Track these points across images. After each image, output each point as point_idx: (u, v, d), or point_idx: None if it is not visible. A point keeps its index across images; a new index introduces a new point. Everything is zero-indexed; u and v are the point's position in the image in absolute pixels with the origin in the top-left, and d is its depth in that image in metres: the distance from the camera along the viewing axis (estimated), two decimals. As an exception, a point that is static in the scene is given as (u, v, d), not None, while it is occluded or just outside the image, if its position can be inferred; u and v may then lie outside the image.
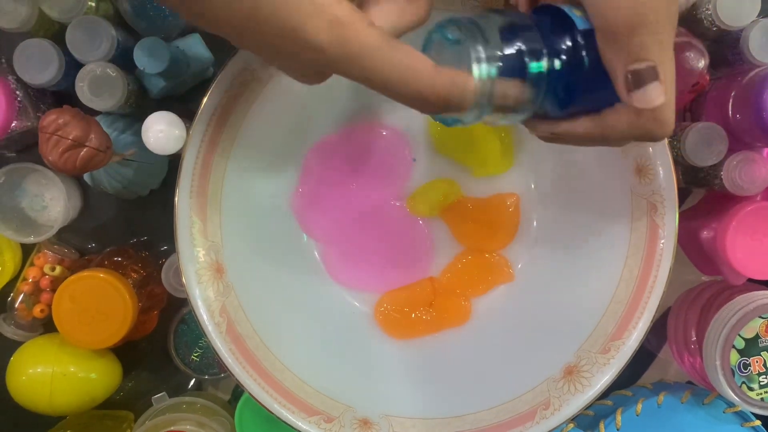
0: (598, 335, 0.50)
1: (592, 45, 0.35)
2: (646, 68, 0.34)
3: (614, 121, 0.36)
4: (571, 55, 0.35)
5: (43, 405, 0.57)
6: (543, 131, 0.38)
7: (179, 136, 0.49)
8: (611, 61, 0.34)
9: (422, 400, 0.52)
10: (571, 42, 0.35)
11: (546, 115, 0.37)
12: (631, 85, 0.34)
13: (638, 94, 0.34)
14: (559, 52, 0.35)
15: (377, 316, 0.56)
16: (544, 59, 0.34)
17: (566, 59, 0.35)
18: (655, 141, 0.37)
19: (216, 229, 0.50)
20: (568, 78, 0.35)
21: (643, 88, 0.34)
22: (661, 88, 0.34)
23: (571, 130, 0.37)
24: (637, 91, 0.34)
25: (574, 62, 0.35)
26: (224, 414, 0.59)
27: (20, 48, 0.52)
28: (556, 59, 0.34)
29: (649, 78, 0.34)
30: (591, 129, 0.37)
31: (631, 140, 0.37)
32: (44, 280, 0.60)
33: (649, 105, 0.34)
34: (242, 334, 0.50)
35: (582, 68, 0.35)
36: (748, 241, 0.53)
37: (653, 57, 0.34)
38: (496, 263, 0.56)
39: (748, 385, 0.52)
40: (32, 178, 0.58)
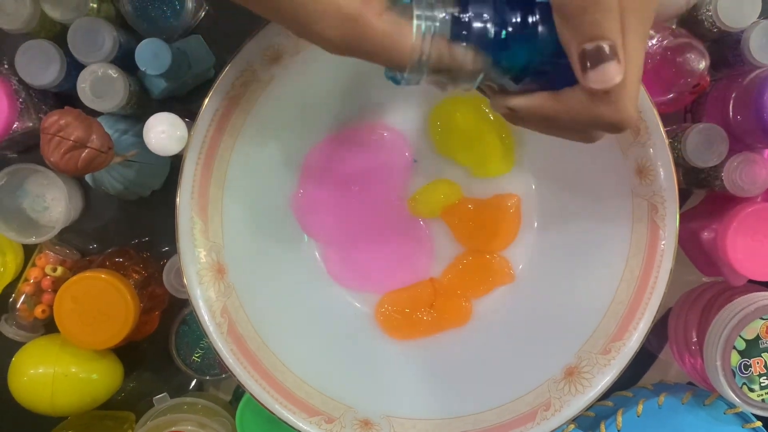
0: (599, 336, 0.50)
1: (547, 20, 0.33)
2: (600, 47, 0.32)
3: (570, 100, 0.34)
4: (520, 26, 0.33)
5: (44, 405, 0.57)
6: (498, 104, 0.37)
7: (181, 136, 0.49)
8: (566, 39, 0.33)
9: (423, 400, 0.52)
10: (524, 13, 0.33)
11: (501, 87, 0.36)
12: (583, 64, 0.32)
13: (592, 74, 0.32)
14: (508, 21, 0.33)
15: (378, 316, 0.56)
16: (488, 25, 0.33)
17: (515, 29, 0.33)
18: (614, 131, 0.35)
19: (217, 230, 0.51)
20: (518, 50, 0.34)
21: (596, 68, 0.32)
22: (617, 67, 0.32)
23: (527, 105, 0.35)
24: (591, 70, 0.32)
25: (525, 34, 0.34)
26: (225, 414, 0.59)
27: (22, 49, 0.52)
28: (504, 28, 0.33)
29: (605, 57, 0.32)
30: (547, 107, 0.35)
31: (588, 128, 0.36)
32: (46, 280, 0.60)
33: (605, 84, 0.32)
34: (243, 334, 0.50)
35: (534, 41, 0.34)
36: (748, 242, 0.53)
37: (610, 36, 0.32)
38: (496, 264, 0.56)
39: (748, 386, 0.52)
40: (34, 179, 0.58)
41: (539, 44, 0.34)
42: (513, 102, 0.36)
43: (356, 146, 0.55)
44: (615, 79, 0.32)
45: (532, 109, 0.35)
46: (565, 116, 0.35)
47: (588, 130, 0.36)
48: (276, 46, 0.48)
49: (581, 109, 0.34)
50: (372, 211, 0.56)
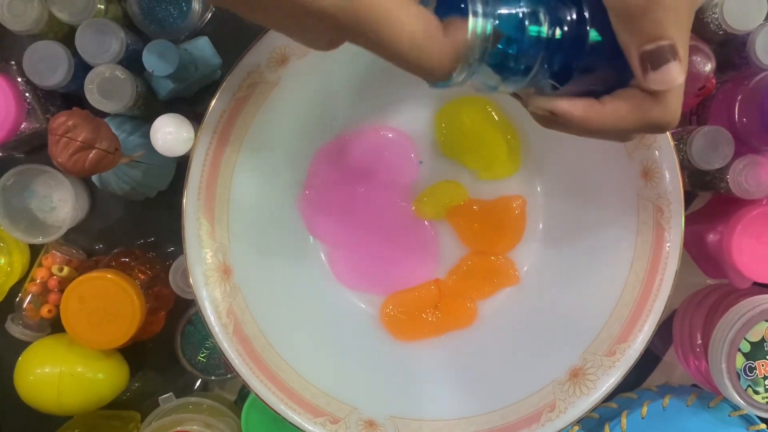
0: (604, 338, 0.50)
1: (599, 21, 0.33)
2: (664, 47, 0.31)
3: (615, 107, 0.34)
4: (574, 27, 0.33)
5: (50, 405, 0.57)
6: (539, 106, 0.35)
7: (187, 138, 0.50)
8: (625, 41, 0.32)
9: (427, 401, 0.52)
10: (577, 13, 0.33)
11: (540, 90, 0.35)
12: (647, 65, 0.32)
13: (655, 75, 0.32)
14: (563, 21, 0.32)
15: (383, 317, 0.56)
16: (544, 25, 0.32)
17: (569, 30, 0.33)
18: (659, 131, 0.35)
19: (223, 231, 0.51)
20: (569, 51, 0.33)
21: (660, 69, 0.32)
22: (680, 67, 0.32)
23: (569, 111, 0.34)
24: (653, 71, 0.32)
25: (577, 35, 0.33)
26: (231, 414, 0.59)
27: (30, 50, 0.52)
28: (558, 28, 0.32)
29: (668, 57, 0.31)
30: (589, 114, 0.34)
31: (633, 131, 0.35)
32: (52, 280, 0.60)
33: (668, 85, 0.32)
34: (249, 335, 0.50)
35: (584, 43, 0.33)
36: (753, 244, 0.53)
37: (671, 34, 0.31)
38: (501, 266, 0.56)
39: (753, 388, 0.52)
40: (41, 180, 0.59)
41: (591, 43, 0.33)
42: (557, 106, 0.34)
43: (362, 148, 0.55)
44: (678, 80, 0.32)
45: (576, 114, 0.34)
46: (611, 121, 0.34)
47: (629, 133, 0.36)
48: (283, 48, 0.49)
49: (628, 113, 0.34)
50: (378, 213, 0.56)
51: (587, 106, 0.34)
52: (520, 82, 0.34)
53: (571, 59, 0.33)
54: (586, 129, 0.35)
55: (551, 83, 0.34)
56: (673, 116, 0.34)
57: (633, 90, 0.34)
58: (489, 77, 0.33)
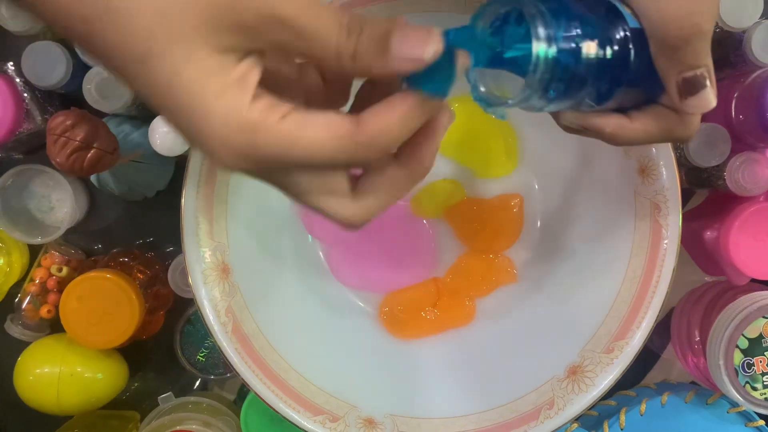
0: (602, 335, 0.50)
1: (639, 43, 0.34)
2: (699, 75, 0.34)
3: (643, 124, 0.36)
4: (621, 49, 0.33)
5: (50, 405, 0.57)
6: (573, 122, 0.37)
7: (186, 137, 0.50)
8: (664, 68, 0.34)
9: (426, 399, 0.52)
10: (623, 36, 0.33)
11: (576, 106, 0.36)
12: (684, 91, 0.34)
13: (693, 100, 0.34)
14: (613, 43, 0.33)
15: (382, 316, 0.56)
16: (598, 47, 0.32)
17: (617, 51, 0.33)
18: (680, 143, 0.38)
19: (222, 230, 0.51)
20: (613, 72, 0.34)
21: (697, 95, 0.34)
22: (714, 92, 0.34)
23: (601, 127, 0.36)
24: (691, 97, 0.34)
25: (622, 57, 0.33)
26: (230, 413, 0.59)
27: (28, 51, 0.52)
28: (609, 48, 0.33)
29: (703, 83, 0.34)
30: (620, 130, 0.36)
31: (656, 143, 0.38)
32: (51, 280, 0.60)
33: (704, 109, 0.34)
34: (248, 333, 0.51)
35: (628, 65, 0.34)
36: (751, 241, 0.53)
37: (706, 62, 0.34)
38: (499, 264, 0.56)
39: (751, 384, 0.52)
40: (39, 180, 0.59)
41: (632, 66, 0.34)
42: (591, 124, 0.36)
43: (360, 146, 0.55)
44: (713, 104, 0.34)
45: (607, 131, 0.36)
46: (639, 136, 0.36)
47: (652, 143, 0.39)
48: (280, 47, 0.49)
49: (655, 130, 0.36)
50: (376, 211, 0.56)
51: (618, 123, 0.36)
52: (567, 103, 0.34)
53: (616, 81, 0.34)
54: (614, 142, 0.37)
55: (590, 103, 0.35)
56: (694, 131, 0.36)
57: (660, 108, 0.36)
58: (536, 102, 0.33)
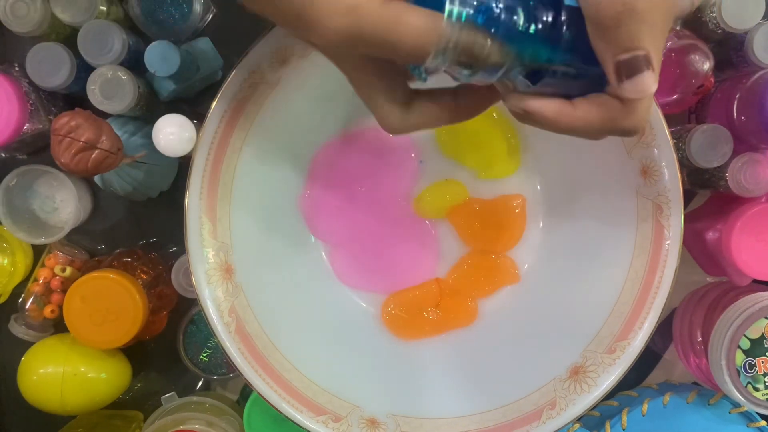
0: (604, 336, 0.50)
1: (573, 24, 0.33)
2: (638, 57, 0.32)
3: (585, 111, 0.35)
4: (549, 25, 0.33)
5: (54, 404, 0.57)
6: (513, 103, 0.36)
7: (189, 138, 0.50)
8: (601, 50, 0.33)
9: (429, 399, 0.52)
10: (553, 13, 0.33)
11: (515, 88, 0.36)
12: (620, 74, 0.33)
13: (629, 84, 0.33)
14: (539, 18, 0.33)
15: (384, 316, 0.56)
16: (520, 19, 0.32)
17: (543, 27, 0.33)
18: (626, 136, 0.36)
19: (225, 230, 0.51)
20: (542, 50, 0.33)
21: (634, 78, 0.32)
22: (653, 76, 0.33)
23: (540, 110, 0.35)
24: (627, 81, 0.33)
25: (552, 34, 0.33)
26: (233, 413, 0.59)
27: (33, 52, 0.52)
28: (533, 24, 0.32)
29: (642, 67, 0.32)
30: (561, 115, 0.35)
31: (601, 134, 0.36)
32: (55, 280, 0.60)
33: (642, 94, 0.33)
34: (251, 333, 0.51)
35: (559, 43, 0.33)
36: (753, 242, 0.54)
37: (645, 45, 0.32)
38: (502, 264, 0.56)
39: (753, 385, 0.52)
40: (43, 180, 0.59)
41: (565, 45, 0.33)
42: (530, 105, 0.35)
43: (363, 147, 0.55)
44: (651, 89, 0.33)
45: (547, 115, 0.35)
46: (580, 124, 0.35)
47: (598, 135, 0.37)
48: (284, 48, 0.49)
49: (597, 118, 0.35)
50: (378, 212, 0.56)
51: (559, 107, 0.35)
52: (492, 74, 0.34)
53: (544, 58, 0.33)
54: (556, 128, 0.36)
55: (525, 81, 0.34)
56: (641, 124, 0.35)
57: (604, 96, 0.34)
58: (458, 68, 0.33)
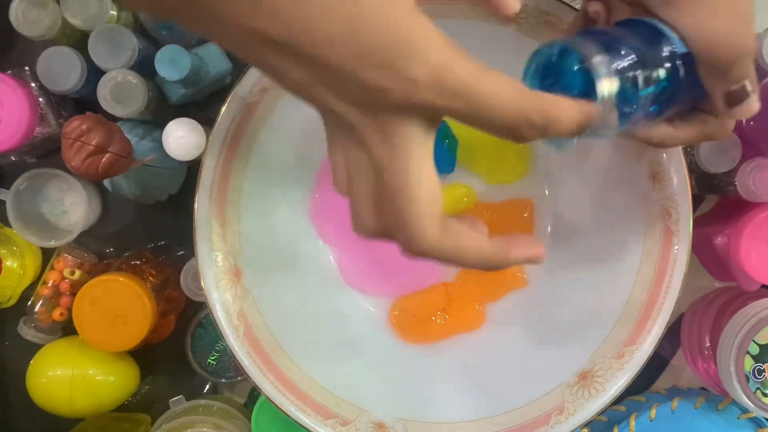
0: (613, 340, 0.50)
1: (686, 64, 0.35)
2: (745, 86, 0.36)
3: (687, 132, 0.39)
4: (672, 73, 0.35)
5: (62, 407, 0.57)
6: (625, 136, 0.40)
7: (199, 142, 0.50)
8: (711, 84, 0.36)
9: (437, 403, 0.52)
10: (673, 60, 0.35)
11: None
12: (731, 102, 0.36)
13: (739, 109, 0.37)
14: (665, 68, 0.35)
15: (392, 320, 0.56)
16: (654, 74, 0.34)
17: (668, 75, 0.35)
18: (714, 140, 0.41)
19: (234, 234, 0.51)
20: (664, 94, 0.35)
21: (742, 104, 0.36)
22: (756, 98, 0.37)
23: (647, 139, 0.39)
24: (738, 107, 0.37)
25: (673, 80, 0.35)
26: (241, 417, 0.59)
27: (44, 56, 0.53)
28: (663, 73, 0.35)
29: (747, 93, 0.36)
30: (665, 140, 0.39)
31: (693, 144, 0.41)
32: (64, 283, 0.60)
33: (750, 115, 0.37)
34: (259, 337, 0.51)
35: (679, 86, 0.35)
36: (761, 247, 0.53)
37: (750, 74, 0.36)
38: (509, 269, 0.56)
39: (762, 391, 0.52)
40: (53, 184, 0.59)
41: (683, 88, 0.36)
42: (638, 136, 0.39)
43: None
44: (756, 109, 0.37)
45: (654, 141, 0.39)
46: (681, 142, 0.40)
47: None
48: (293, 52, 0.49)
49: (696, 136, 0.39)
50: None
51: (663, 133, 0.39)
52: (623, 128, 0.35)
53: (668, 101, 0.36)
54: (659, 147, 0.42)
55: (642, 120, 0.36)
56: (731, 130, 0.39)
57: (701, 114, 0.39)
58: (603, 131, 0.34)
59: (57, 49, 0.53)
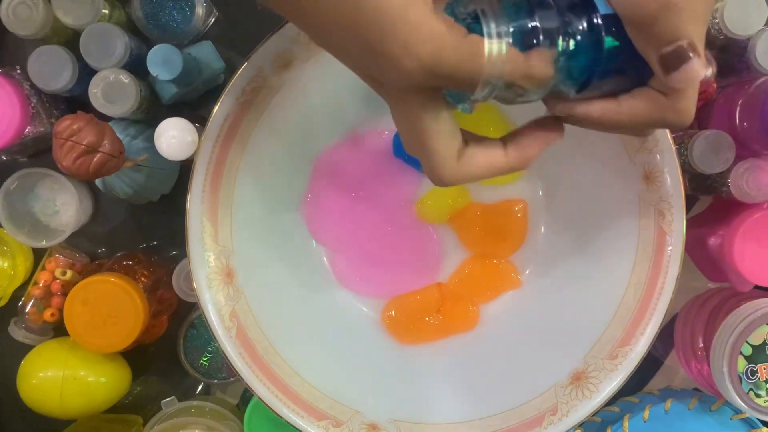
0: (606, 341, 0.50)
1: (611, 28, 0.33)
2: (682, 46, 0.32)
3: (630, 107, 0.35)
4: (589, 37, 0.33)
5: (53, 408, 0.57)
6: (559, 112, 0.37)
7: (191, 141, 0.50)
8: (643, 47, 0.33)
9: (430, 404, 0.52)
10: (589, 23, 0.33)
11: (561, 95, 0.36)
12: (667, 66, 0.33)
13: (677, 74, 0.33)
14: (576, 33, 0.33)
15: (385, 321, 0.56)
16: (560, 38, 0.33)
17: (583, 40, 0.33)
18: (674, 129, 0.37)
19: (227, 234, 0.51)
20: (585, 61, 0.34)
21: (681, 68, 0.33)
22: (700, 62, 0.33)
23: (587, 114, 0.36)
24: (675, 71, 0.33)
25: (592, 45, 0.34)
26: (233, 418, 0.59)
27: (35, 55, 0.52)
28: (572, 39, 0.33)
29: (686, 56, 0.32)
30: (607, 114, 0.36)
31: (648, 128, 0.37)
32: (55, 284, 0.60)
33: (692, 81, 0.33)
34: (252, 338, 0.51)
35: (601, 51, 0.34)
36: (755, 248, 0.53)
37: (687, 34, 0.32)
38: (503, 269, 0.56)
39: (755, 391, 0.52)
40: (44, 183, 0.59)
41: (608, 51, 0.34)
42: (576, 112, 0.36)
43: (365, 151, 0.55)
44: (700, 74, 0.33)
45: (593, 115, 0.36)
46: (626, 119, 0.36)
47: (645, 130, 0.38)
48: (286, 52, 0.49)
49: (643, 112, 0.35)
50: (380, 216, 0.56)
51: (604, 106, 0.36)
52: (539, 93, 0.35)
53: (589, 67, 0.34)
54: (603, 127, 0.37)
55: (571, 91, 0.35)
56: (687, 115, 0.35)
57: (648, 90, 0.35)
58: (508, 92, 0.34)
59: (48, 48, 0.53)
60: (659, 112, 0.35)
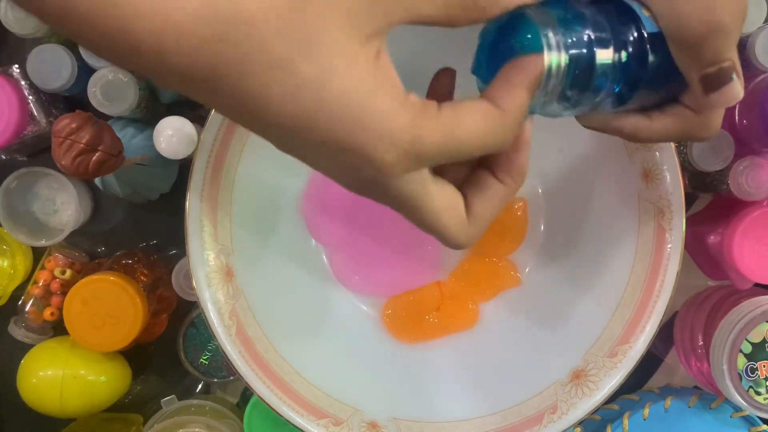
0: (606, 339, 0.50)
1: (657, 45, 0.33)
2: (722, 69, 0.33)
3: (663, 124, 0.36)
4: (637, 52, 0.33)
5: (53, 407, 0.57)
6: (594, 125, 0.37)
7: (190, 140, 0.50)
8: (685, 67, 0.34)
9: (430, 403, 0.52)
10: (638, 38, 0.33)
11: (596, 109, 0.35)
12: (707, 87, 0.33)
13: (717, 95, 0.33)
14: (627, 46, 0.33)
15: (385, 319, 0.56)
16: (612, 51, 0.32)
17: (632, 55, 0.33)
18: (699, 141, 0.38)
19: (226, 233, 0.51)
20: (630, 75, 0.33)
21: (722, 89, 0.33)
22: (739, 84, 0.33)
23: (620, 130, 0.37)
24: (715, 92, 0.33)
25: (638, 60, 0.33)
26: (233, 417, 0.59)
27: (33, 53, 0.52)
28: (623, 53, 0.32)
29: (726, 77, 0.33)
30: (640, 131, 0.36)
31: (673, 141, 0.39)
32: (55, 283, 0.60)
33: (731, 102, 0.34)
34: (252, 336, 0.51)
35: (645, 67, 0.33)
36: (754, 245, 0.53)
37: (730, 55, 0.33)
38: (503, 268, 0.56)
39: (755, 389, 0.52)
40: (44, 182, 0.59)
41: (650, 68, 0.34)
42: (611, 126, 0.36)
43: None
44: (739, 95, 0.33)
45: (626, 132, 0.36)
46: (657, 136, 0.36)
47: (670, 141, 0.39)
48: (285, 50, 0.49)
49: (674, 129, 0.36)
50: (379, 215, 0.56)
51: (637, 123, 0.36)
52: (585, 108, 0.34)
53: (633, 84, 0.34)
54: (632, 140, 0.37)
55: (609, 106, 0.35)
56: (716, 131, 0.36)
57: (679, 108, 0.36)
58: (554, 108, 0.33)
59: (47, 47, 0.52)
60: (690, 128, 0.36)
